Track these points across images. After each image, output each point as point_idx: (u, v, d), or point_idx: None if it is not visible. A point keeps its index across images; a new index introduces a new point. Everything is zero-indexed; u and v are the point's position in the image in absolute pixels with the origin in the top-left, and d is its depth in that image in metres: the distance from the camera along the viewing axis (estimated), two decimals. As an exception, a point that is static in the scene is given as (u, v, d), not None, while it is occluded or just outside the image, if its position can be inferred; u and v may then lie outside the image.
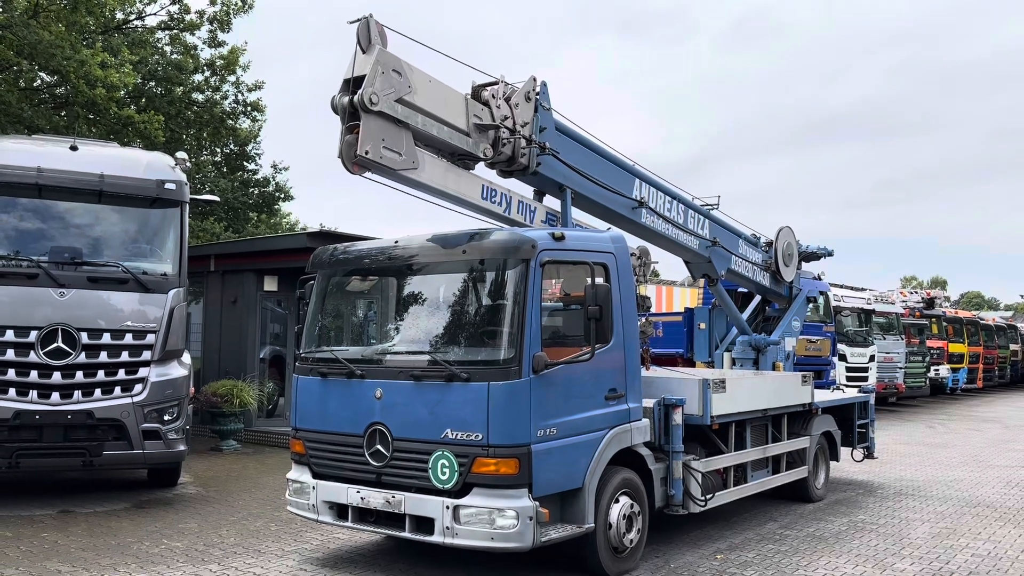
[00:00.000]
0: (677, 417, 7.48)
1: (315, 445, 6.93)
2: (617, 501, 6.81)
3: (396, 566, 6.97)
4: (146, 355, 9.30)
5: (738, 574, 6.97)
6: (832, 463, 10.83)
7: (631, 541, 6.89)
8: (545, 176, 7.76)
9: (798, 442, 9.74)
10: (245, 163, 30.08)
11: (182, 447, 9.51)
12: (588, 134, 8.35)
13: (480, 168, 7.45)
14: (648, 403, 7.39)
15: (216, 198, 16.57)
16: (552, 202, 8.29)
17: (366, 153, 6.16)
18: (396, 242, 6.83)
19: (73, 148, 9.56)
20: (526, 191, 8.12)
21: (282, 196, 31.63)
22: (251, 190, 30.10)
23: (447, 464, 6.08)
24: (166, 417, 9.34)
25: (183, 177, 9.93)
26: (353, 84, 6.19)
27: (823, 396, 10.90)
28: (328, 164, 6.29)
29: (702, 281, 19.33)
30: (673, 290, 31.91)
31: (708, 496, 7.77)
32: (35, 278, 8.89)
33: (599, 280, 6.42)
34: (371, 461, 6.50)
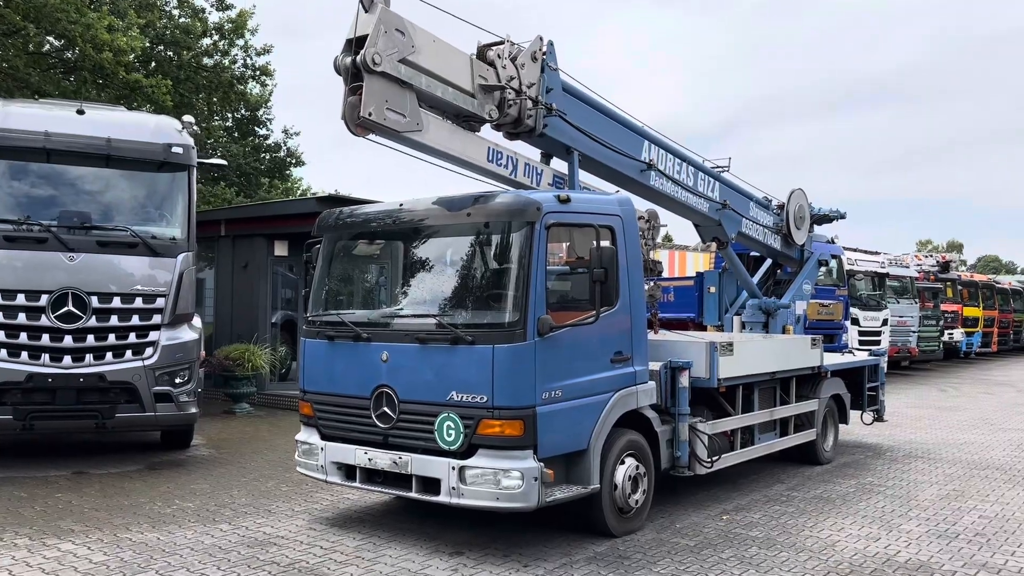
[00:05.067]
0: (684, 380, 7.48)
1: (323, 407, 6.99)
2: (623, 463, 6.84)
3: (404, 526, 7.06)
4: (156, 319, 9.36)
5: (744, 534, 7.02)
6: (841, 426, 10.83)
7: (636, 502, 6.93)
8: (552, 138, 7.68)
9: (806, 405, 9.73)
10: (256, 128, 30.06)
11: (194, 409, 9.62)
12: (596, 95, 8.25)
13: (486, 130, 7.39)
14: (655, 366, 7.39)
15: (224, 162, 16.53)
16: (559, 165, 8.22)
17: (369, 115, 6.11)
18: (401, 205, 6.80)
19: (80, 112, 9.54)
20: (533, 153, 8.05)
21: (293, 161, 31.65)
22: (262, 155, 30.11)
23: (453, 426, 6.12)
24: (177, 380, 9.42)
25: (190, 141, 9.90)
26: (355, 44, 6.12)
27: (833, 359, 10.86)
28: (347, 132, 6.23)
29: (714, 246, 19.31)
30: (686, 254, 31.76)
31: (714, 458, 7.79)
32: (44, 243, 8.93)
33: (605, 243, 6.37)
34: (378, 423, 6.54)
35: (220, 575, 5.75)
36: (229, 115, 29.46)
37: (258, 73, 24.63)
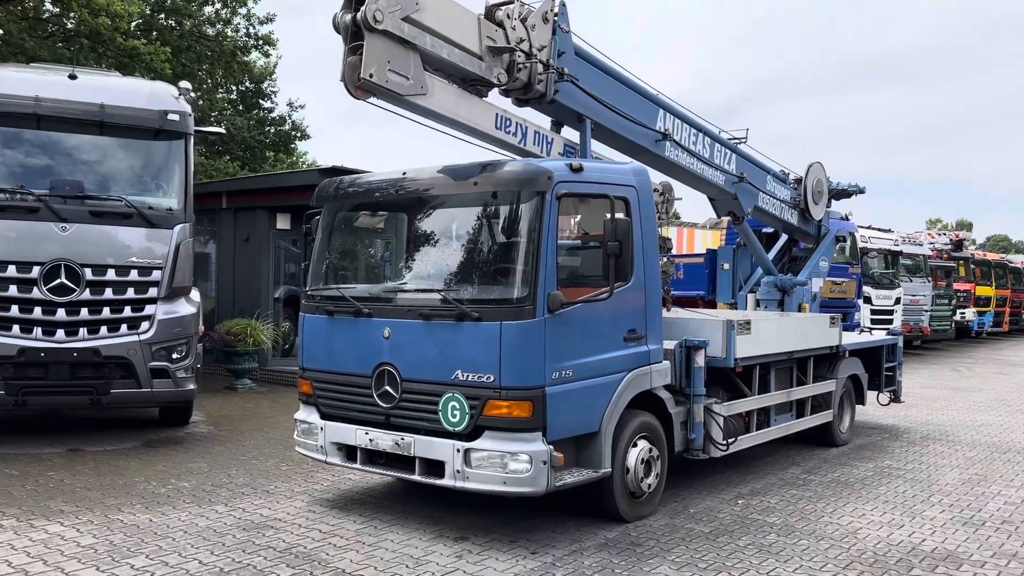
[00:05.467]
0: (699, 359, 7.16)
1: (323, 385, 6.70)
2: (635, 445, 6.54)
3: (407, 508, 6.79)
4: (152, 292, 9.06)
5: (761, 520, 6.73)
6: (857, 407, 10.52)
7: (649, 486, 6.64)
8: (563, 105, 7.30)
9: (824, 385, 9.41)
10: (261, 101, 29.68)
11: (191, 386, 9.35)
12: (610, 60, 7.85)
13: (494, 95, 7.00)
14: (669, 345, 7.07)
15: (223, 130, 16.14)
16: (571, 134, 7.85)
17: (370, 76, 5.75)
18: (404, 173, 6.44)
19: (72, 77, 9.18)
20: (543, 121, 7.67)
21: (298, 135, 31.26)
22: (267, 128, 29.75)
23: (458, 406, 5.82)
24: (174, 355, 9.15)
25: (187, 108, 9.55)
26: (356, 0, 5.74)
27: (851, 338, 10.53)
28: (362, 105, 5.86)
29: (725, 222, 18.90)
30: (695, 232, 31.30)
31: (730, 440, 7.49)
32: (36, 212, 8.63)
33: (619, 215, 6.02)
34: (380, 402, 6.25)
35: (213, 560, 5.48)
36: (234, 87, 29.12)
37: (260, 43, 24.12)
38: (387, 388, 6.20)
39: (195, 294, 9.82)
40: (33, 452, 8.51)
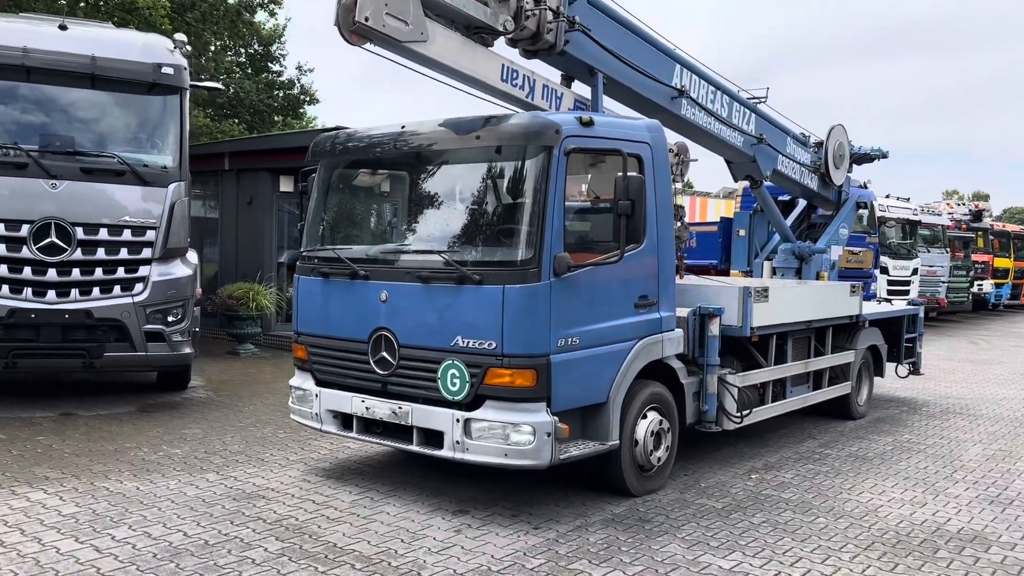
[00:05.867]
0: (714, 328, 6.81)
1: (318, 351, 6.39)
2: (645, 417, 6.22)
3: (405, 479, 6.51)
4: (146, 253, 8.76)
5: (775, 496, 6.42)
6: (875, 379, 10.17)
7: (659, 459, 6.33)
8: (574, 57, 6.89)
9: (842, 356, 9.05)
10: (270, 64, 29.19)
11: (188, 350, 9.07)
12: (625, 11, 7.40)
13: (500, 45, 6.58)
14: (682, 312, 6.71)
15: (220, 85, 15.67)
16: (582, 89, 7.43)
17: (365, 20, 5.36)
18: (403, 127, 6.05)
19: (62, 28, 8.81)
20: (552, 75, 7.25)
21: (307, 99, 30.75)
22: (276, 92, 29.28)
23: (457, 374, 5.50)
24: (170, 319, 8.86)
25: (183, 61, 9.17)
26: (350, -63, 5.32)
27: (870, 308, 10.15)
28: (377, 69, 5.43)
29: (739, 190, 18.42)
30: (707, 201, 30.82)
31: (744, 412, 7.17)
32: (24, 168, 8.31)
33: (632, 172, 5.63)
34: (376, 369, 5.94)
35: (198, 533, 5.22)
36: (242, 50, 28.60)
37: (267, 1, 23.55)
38: (384, 354, 5.89)
39: (192, 255, 9.52)
40: (25, 416, 8.28)
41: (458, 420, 5.49)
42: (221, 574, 4.57)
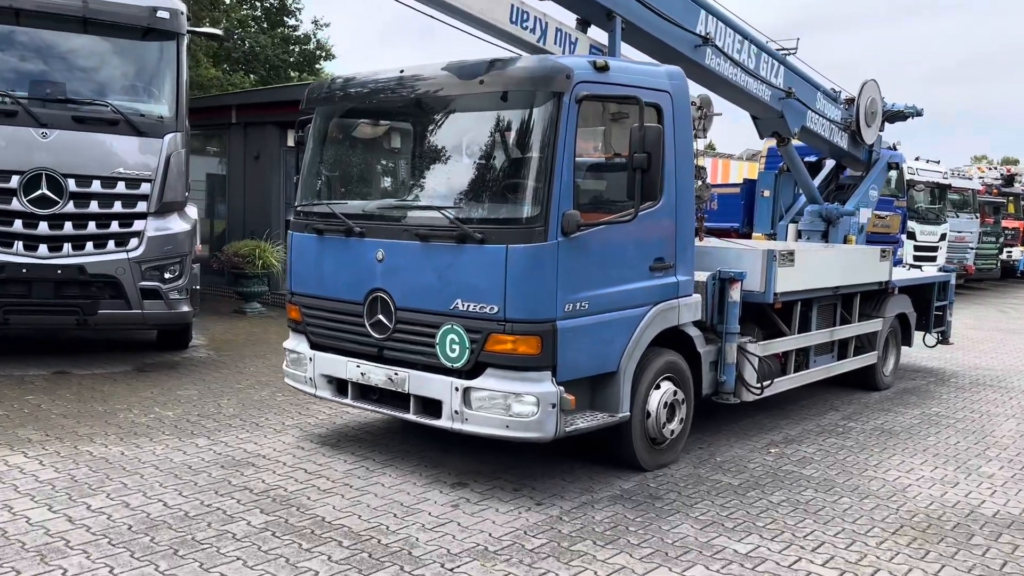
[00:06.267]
0: (735, 293, 6.37)
1: (312, 312, 6.03)
2: (658, 387, 5.83)
3: (403, 447, 6.19)
4: (141, 206, 8.40)
5: (796, 473, 6.04)
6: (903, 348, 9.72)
7: (672, 432, 5.95)
8: (590, -2, 6.38)
9: (870, 324, 8.58)
10: (285, 18, 28.61)
11: (186, 308, 8.75)
12: (645, -50, 6.85)
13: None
14: (701, 277, 6.28)
15: (220, 31, 15.16)
16: (598, 35, 6.93)
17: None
18: (402, 71, 5.59)
19: (53, -32, 8.35)
20: (567, 19, 6.75)
21: (324, 55, 30.16)
22: (292, 47, 28.73)
23: (457, 340, 5.12)
24: (166, 275, 8.53)
25: (180, 5, 8.72)
26: None
27: (900, 274, 9.65)
28: (395, 25, 4.96)
29: (764, 151, 17.76)
30: (729, 163, 30.06)
31: (764, 383, 6.76)
32: (14, 116, 7.94)
33: (649, 123, 5.16)
34: (372, 333, 5.57)
35: (179, 503, 4.91)
36: (257, 3, 28.00)
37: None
38: (380, 317, 5.52)
39: (191, 210, 9.17)
40: (17, 374, 8.02)
41: (457, 389, 5.13)
42: (197, 550, 4.26)
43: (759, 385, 6.70)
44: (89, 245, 8.17)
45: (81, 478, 5.25)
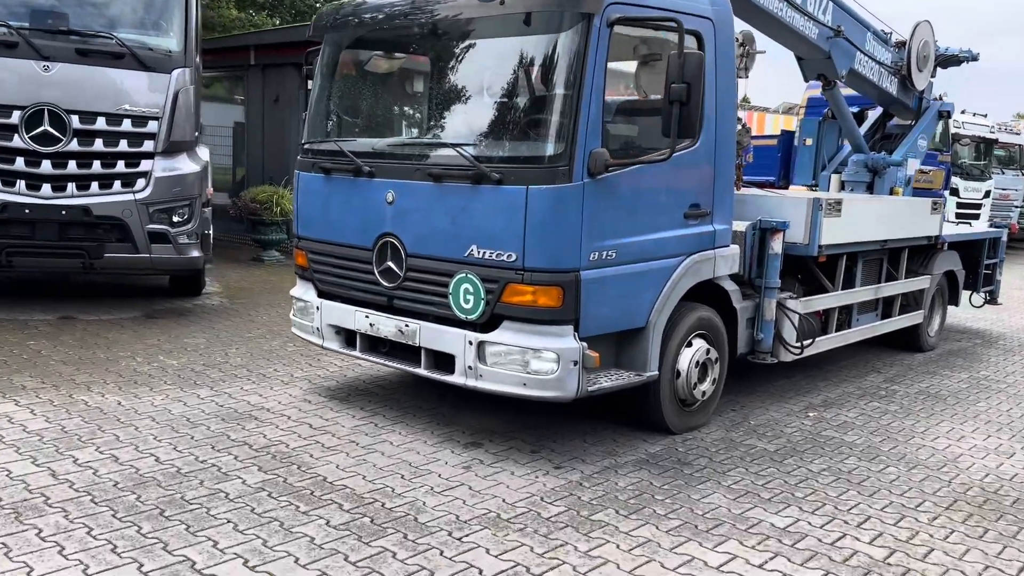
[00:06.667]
0: (776, 245, 5.88)
1: (319, 258, 5.65)
2: (689, 345, 5.39)
3: (415, 403, 5.83)
4: (148, 145, 8.01)
5: (837, 439, 5.60)
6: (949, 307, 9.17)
7: (703, 393, 5.52)
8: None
9: (917, 282, 8.05)
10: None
11: (195, 253, 8.40)
12: None
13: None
14: (739, 226, 5.79)
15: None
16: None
17: None
18: (416, -6, 5.08)
19: None
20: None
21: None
22: (318, -8, 28.02)
23: (472, 290, 4.70)
24: (175, 219, 8.18)
25: (189, -67, 8.21)
26: None
27: (950, 229, 9.06)
28: None
29: (803, 101, 16.92)
30: (765, 116, 29.01)
31: (805, 343, 6.29)
32: (14, 48, 7.54)
33: (689, 50, 4.63)
34: (381, 281, 5.17)
35: (172, 459, 4.60)
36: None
37: None
38: (390, 264, 5.11)
39: (203, 151, 8.77)
40: (22, 318, 7.76)
41: (471, 343, 4.73)
42: (185, 511, 3.94)
43: (799, 344, 6.24)
44: (94, 185, 7.82)
45: (72, 429, 4.95)
